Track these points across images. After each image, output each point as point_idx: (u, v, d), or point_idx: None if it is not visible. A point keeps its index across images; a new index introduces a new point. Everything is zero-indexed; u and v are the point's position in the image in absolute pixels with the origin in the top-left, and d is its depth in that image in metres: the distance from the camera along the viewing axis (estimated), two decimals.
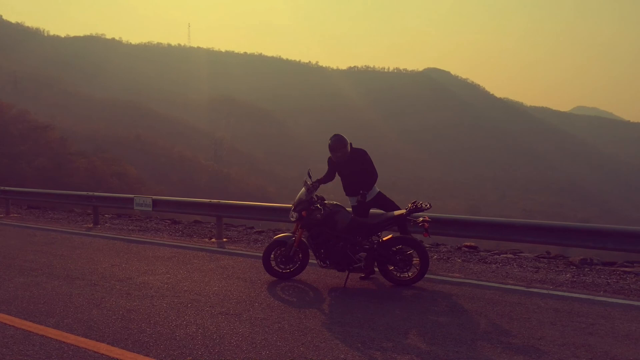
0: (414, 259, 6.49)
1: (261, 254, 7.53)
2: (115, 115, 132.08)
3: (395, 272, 6.51)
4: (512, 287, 6.60)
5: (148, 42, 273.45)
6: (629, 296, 6.19)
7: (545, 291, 6.39)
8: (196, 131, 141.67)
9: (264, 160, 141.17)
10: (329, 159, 6.97)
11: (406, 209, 6.41)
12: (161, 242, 10.33)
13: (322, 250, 6.53)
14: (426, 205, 6.29)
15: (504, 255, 8.63)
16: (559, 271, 7.59)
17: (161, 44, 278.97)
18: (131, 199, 12.04)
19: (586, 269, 7.65)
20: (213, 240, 10.62)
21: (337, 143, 6.72)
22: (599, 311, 5.50)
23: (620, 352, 4.31)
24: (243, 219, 11.43)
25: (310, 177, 6.72)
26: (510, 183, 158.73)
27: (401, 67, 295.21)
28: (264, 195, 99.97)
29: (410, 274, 6.49)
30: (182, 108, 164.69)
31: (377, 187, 6.99)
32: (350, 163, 6.82)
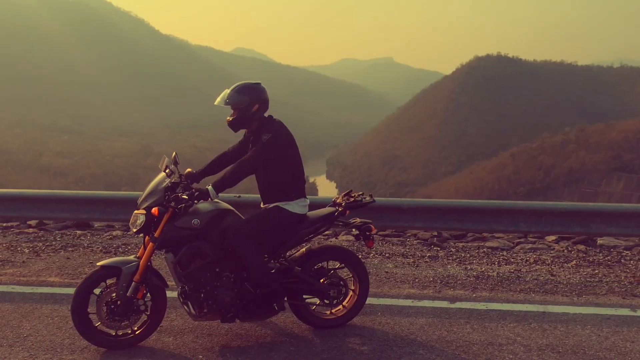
0: (349, 284, 4.12)
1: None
2: None
3: (317, 308, 4.07)
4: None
5: None
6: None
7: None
8: None
9: None
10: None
11: (336, 205, 4.01)
12: None
13: (199, 287, 3.63)
14: (366, 198, 4.03)
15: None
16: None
17: None
18: None
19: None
20: None
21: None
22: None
23: None
24: None
25: (177, 162, 3.72)
26: (179, 122, 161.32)
27: None
28: None
29: (340, 308, 4.08)
30: None
31: None
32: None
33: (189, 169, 3.93)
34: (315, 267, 3.99)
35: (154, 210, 3.52)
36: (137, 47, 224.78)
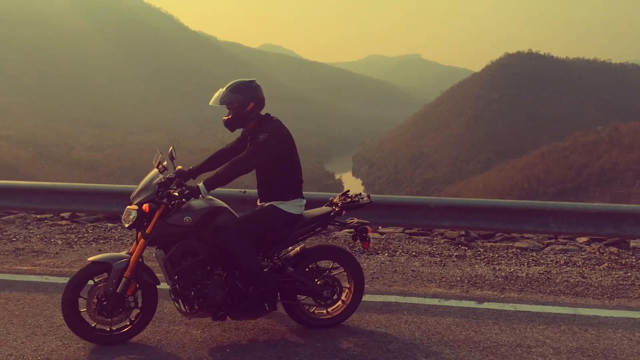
0: (343, 283, 4.08)
1: (5, 271, 4.34)
2: None
3: (311, 307, 4.01)
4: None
5: None
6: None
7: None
8: None
9: None
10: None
11: (332, 205, 3.96)
12: None
13: (190, 285, 3.61)
14: (365, 199, 3.98)
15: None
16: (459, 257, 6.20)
17: None
18: None
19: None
20: None
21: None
22: None
23: None
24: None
25: (173, 157, 3.80)
26: (207, 117, 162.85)
27: None
28: None
29: (336, 307, 4.05)
30: None
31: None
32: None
33: (179, 167, 3.89)
34: (310, 266, 3.95)
35: (145, 206, 3.51)
36: (167, 43, 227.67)
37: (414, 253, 5.98)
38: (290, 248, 4.01)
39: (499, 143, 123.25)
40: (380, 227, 7.03)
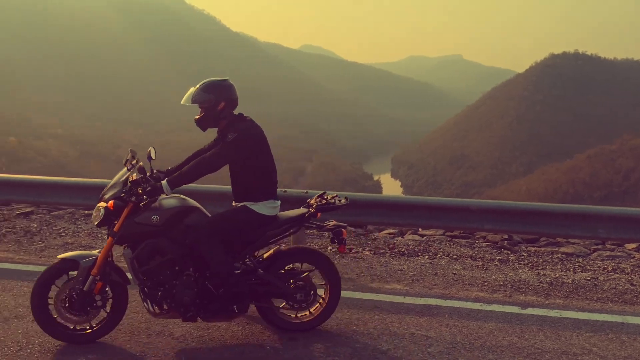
0: (318, 285, 3.94)
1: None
2: None
3: (285, 311, 3.92)
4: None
5: None
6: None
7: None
8: None
9: None
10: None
11: (308, 207, 3.87)
12: None
13: (157, 285, 3.58)
14: (341, 201, 3.89)
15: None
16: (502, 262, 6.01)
17: None
18: None
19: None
20: None
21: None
22: None
23: None
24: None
25: (150, 158, 3.80)
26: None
27: None
28: None
29: (312, 311, 3.95)
30: None
31: None
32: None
33: (157, 170, 3.87)
34: (285, 269, 3.85)
35: (110, 203, 3.50)
36: (208, 44, 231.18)
37: (454, 256, 5.91)
38: (265, 250, 3.94)
39: (543, 145, 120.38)
40: (420, 229, 6.96)
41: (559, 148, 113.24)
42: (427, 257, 5.87)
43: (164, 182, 3.50)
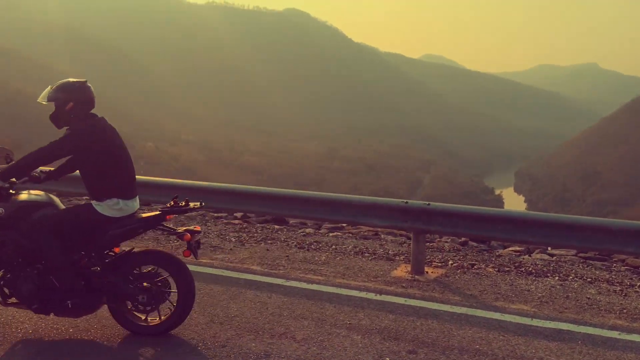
0: (170, 290, 3.87)
1: (187, 262, 4.36)
2: None
3: (134, 312, 3.87)
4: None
5: None
6: None
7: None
8: (40, 65, 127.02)
9: (118, 99, 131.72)
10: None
11: (161, 210, 3.87)
12: None
13: (4, 275, 3.78)
14: (196, 204, 3.91)
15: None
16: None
17: None
18: None
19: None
20: None
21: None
22: None
23: None
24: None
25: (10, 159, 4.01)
26: (365, 127, 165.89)
27: (261, 6, 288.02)
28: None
29: (161, 317, 3.86)
30: (17, 37, 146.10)
31: None
32: None
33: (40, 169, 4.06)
34: (139, 269, 3.82)
35: None
36: (331, 55, 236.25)
37: (589, 279, 5.48)
38: (119, 249, 3.94)
39: None
40: (549, 248, 6.56)
41: None
42: (557, 278, 5.51)
43: None
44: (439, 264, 5.91)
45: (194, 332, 3.95)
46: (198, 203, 3.95)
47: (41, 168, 4.02)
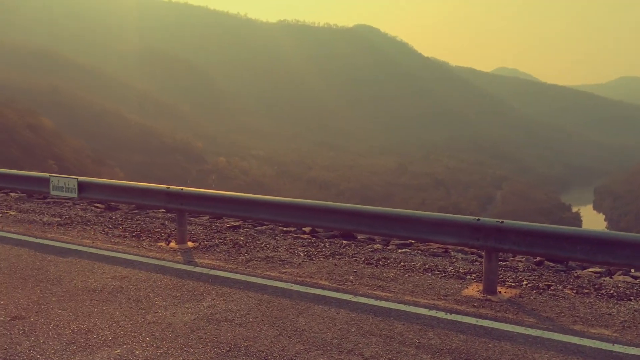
0: None
1: (258, 275, 4.75)
2: (29, 64, 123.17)
3: None
4: None
5: None
6: None
7: None
8: (119, 83, 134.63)
9: (191, 115, 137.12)
10: None
11: None
12: (94, 248, 6.87)
13: None
14: None
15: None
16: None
17: None
18: (46, 180, 8.53)
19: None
20: (173, 244, 7.17)
21: None
22: None
23: None
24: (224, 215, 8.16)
25: None
26: (435, 142, 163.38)
27: (331, 23, 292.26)
28: (190, 149, 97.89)
29: None
30: (103, 58, 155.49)
31: None
32: None
33: None
34: None
35: None
36: (401, 70, 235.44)
37: None
38: None
39: None
40: (632, 270, 6.19)
41: None
42: None
43: None
44: (513, 284, 5.70)
45: (263, 344, 4.01)
46: None
47: None
